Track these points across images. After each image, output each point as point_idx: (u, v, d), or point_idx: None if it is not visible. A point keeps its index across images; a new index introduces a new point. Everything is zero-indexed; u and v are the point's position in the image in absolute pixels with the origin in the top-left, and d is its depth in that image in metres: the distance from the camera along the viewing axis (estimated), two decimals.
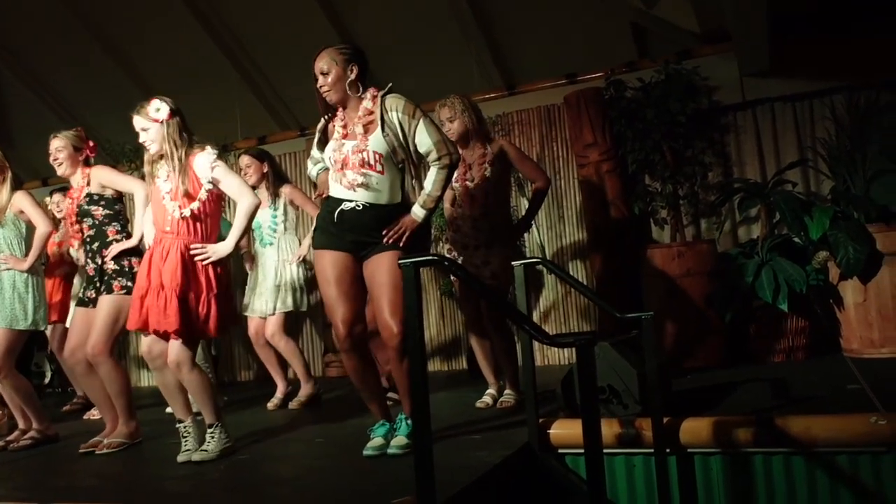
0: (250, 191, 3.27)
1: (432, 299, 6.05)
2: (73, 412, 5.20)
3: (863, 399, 3.11)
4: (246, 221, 3.23)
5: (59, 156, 3.73)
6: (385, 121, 2.92)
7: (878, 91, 4.80)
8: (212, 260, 3.14)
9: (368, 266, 2.95)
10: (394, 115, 2.93)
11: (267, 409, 4.51)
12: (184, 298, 3.09)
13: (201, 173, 3.18)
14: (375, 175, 2.91)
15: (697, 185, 5.36)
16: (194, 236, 3.18)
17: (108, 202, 3.69)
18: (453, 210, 3.88)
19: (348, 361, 2.96)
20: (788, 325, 4.48)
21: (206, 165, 3.18)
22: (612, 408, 3.09)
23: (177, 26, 6.19)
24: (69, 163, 3.74)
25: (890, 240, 4.24)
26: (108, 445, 3.52)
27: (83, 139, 3.79)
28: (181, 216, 3.15)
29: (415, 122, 2.92)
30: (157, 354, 3.18)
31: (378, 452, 2.89)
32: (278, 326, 4.54)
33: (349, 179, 2.92)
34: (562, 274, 3.35)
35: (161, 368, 3.21)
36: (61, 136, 3.75)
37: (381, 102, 2.95)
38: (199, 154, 3.20)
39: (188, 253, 3.13)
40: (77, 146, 3.75)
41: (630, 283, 5.08)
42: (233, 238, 3.19)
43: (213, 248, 3.16)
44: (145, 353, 3.22)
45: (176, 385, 3.22)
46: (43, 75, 6.98)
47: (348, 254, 2.94)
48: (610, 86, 5.42)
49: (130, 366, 7.08)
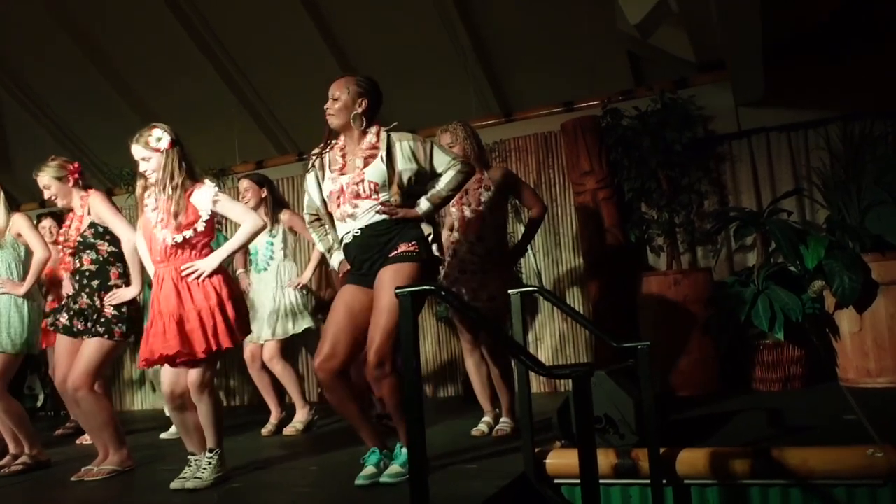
0: (255, 214, 3.29)
1: (428, 326, 6.03)
2: (65, 436, 5.15)
3: (859, 430, 3.10)
4: (244, 240, 3.23)
5: (49, 192, 3.68)
6: (392, 154, 2.97)
7: (871, 121, 4.85)
8: (203, 276, 3.11)
9: (375, 284, 2.97)
10: (406, 145, 3.00)
11: (261, 436, 4.48)
12: (181, 321, 3.07)
13: (201, 207, 3.16)
14: (367, 202, 2.95)
15: (693, 213, 5.37)
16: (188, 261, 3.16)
17: (112, 237, 3.63)
18: (450, 235, 3.90)
19: (327, 394, 3.01)
20: (785, 353, 4.48)
21: (208, 200, 3.17)
22: (608, 437, 3.07)
23: (175, 51, 6.23)
24: (62, 194, 3.68)
25: (885, 269, 4.26)
26: (98, 473, 3.49)
27: (63, 167, 3.69)
28: (174, 243, 3.14)
29: (428, 146, 3.04)
30: (179, 394, 3.16)
31: (369, 482, 2.87)
32: (276, 351, 4.53)
33: (343, 211, 3.00)
34: (558, 303, 3.35)
35: (180, 409, 3.19)
36: (42, 172, 3.67)
37: (386, 137, 3.00)
38: (198, 188, 3.19)
39: (180, 276, 3.12)
40: (59, 176, 3.67)
41: (626, 311, 5.08)
42: (222, 252, 3.17)
43: (199, 263, 3.13)
44: (167, 395, 3.21)
45: (194, 424, 3.20)
46: (40, 97, 7.00)
47: (359, 286, 3.00)
48: (606, 114, 5.46)
49: (124, 389, 7.04)
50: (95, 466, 3.54)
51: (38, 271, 3.88)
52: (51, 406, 6.91)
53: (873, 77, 4.93)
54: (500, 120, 6.05)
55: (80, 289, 3.62)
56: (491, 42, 5.92)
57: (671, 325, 4.71)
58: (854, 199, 4.49)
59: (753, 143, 5.43)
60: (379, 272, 2.95)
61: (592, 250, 5.38)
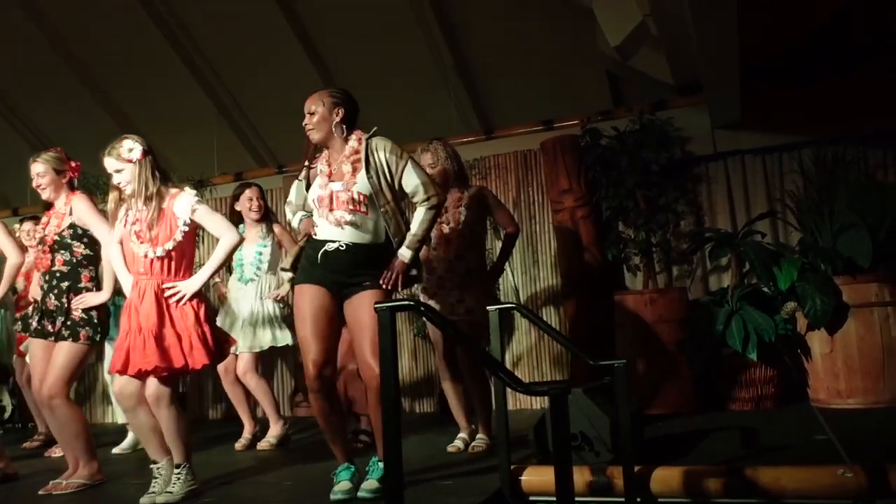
0: (233, 228, 3.26)
1: (405, 341, 6.02)
2: (34, 449, 5.06)
3: (830, 450, 3.14)
4: (223, 257, 3.21)
5: (41, 181, 3.59)
6: (370, 162, 2.98)
7: (844, 146, 4.95)
8: (184, 298, 3.11)
9: (350, 306, 2.96)
10: (381, 155, 2.99)
11: (235, 450, 4.43)
12: (160, 336, 3.05)
13: (180, 214, 3.15)
14: (360, 215, 2.95)
15: (670, 232, 5.44)
16: (168, 274, 3.15)
17: (90, 240, 3.57)
18: (428, 252, 3.91)
19: (315, 402, 2.95)
20: (757, 373, 4.53)
21: (187, 207, 3.15)
22: (584, 455, 3.09)
23: (156, 61, 6.21)
24: (53, 187, 3.60)
25: (856, 292, 4.33)
26: (67, 486, 3.42)
27: (64, 160, 3.64)
28: (155, 256, 3.12)
29: (402, 162, 3.00)
30: (129, 394, 3.12)
31: (346, 496, 2.86)
32: (250, 365, 4.48)
33: (336, 217, 2.96)
34: (536, 320, 3.36)
35: (133, 409, 3.14)
36: (41, 159, 3.60)
37: (366, 144, 3.00)
38: (179, 196, 3.18)
39: (162, 292, 3.10)
40: (58, 169, 3.60)
41: (603, 329, 5.11)
42: (205, 272, 3.15)
43: (182, 285, 3.12)
44: (117, 394, 3.16)
45: (149, 426, 3.16)
46: (15, 103, 6.93)
47: (328, 292, 2.96)
48: (586, 133, 5.52)
49: (97, 402, 6.93)
50: (64, 480, 3.48)
51: (13, 277, 3.81)
52: (18, 418, 6.78)
53: (847, 102, 5.05)
54: (480, 137, 6.09)
55: (49, 289, 3.54)
56: (472, 60, 5.97)
57: (646, 343, 4.75)
58: (827, 222, 4.57)
59: (729, 165, 5.52)
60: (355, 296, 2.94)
61: (570, 268, 5.41)
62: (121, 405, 3.20)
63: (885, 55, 5.00)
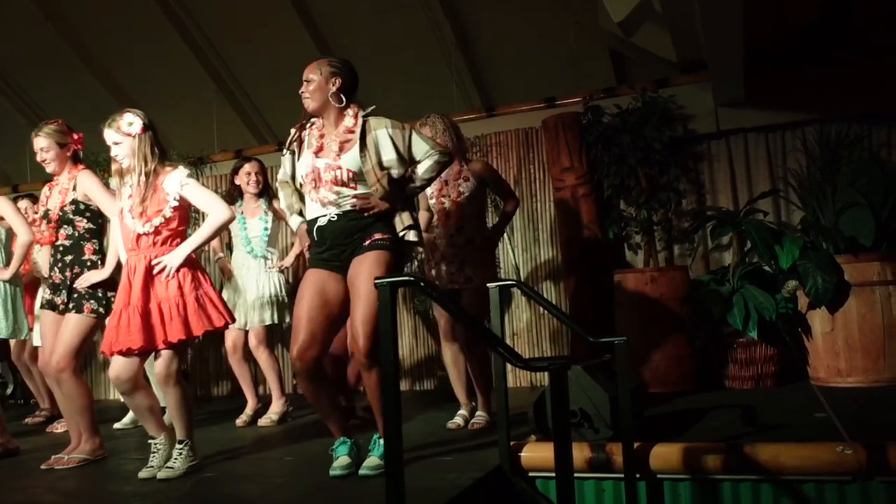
0: (224, 205, 3.22)
1: (405, 319, 6.03)
2: (36, 425, 5.09)
3: (830, 428, 3.15)
4: (210, 233, 3.17)
5: (45, 155, 3.57)
6: (366, 141, 2.93)
7: (848, 125, 4.92)
8: (171, 271, 3.08)
9: (350, 273, 2.93)
10: (381, 133, 2.95)
11: (236, 426, 4.45)
12: (146, 313, 3.05)
13: (169, 190, 3.12)
14: (348, 191, 2.92)
15: (671, 211, 5.42)
16: (158, 251, 3.13)
17: (92, 215, 3.56)
18: (429, 228, 3.91)
19: (301, 384, 2.95)
20: (758, 352, 4.53)
21: (177, 183, 3.13)
22: (583, 432, 3.09)
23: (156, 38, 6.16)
24: (57, 161, 3.58)
25: (857, 271, 4.32)
26: (69, 461, 3.44)
27: (66, 133, 3.60)
28: (144, 232, 3.11)
29: (407, 132, 3.00)
30: (126, 379, 3.11)
31: (345, 472, 2.86)
32: (262, 338, 4.50)
33: (320, 196, 2.94)
34: (536, 297, 3.36)
35: (130, 392, 3.14)
36: (43, 133, 3.57)
37: (362, 122, 2.97)
38: (171, 173, 3.16)
39: (152, 268, 3.09)
40: (61, 142, 3.58)
41: (603, 307, 5.11)
42: (189, 244, 3.13)
43: (167, 258, 3.09)
44: (113, 378, 3.14)
45: (146, 406, 3.17)
46: (14, 79, 6.89)
47: (330, 272, 2.95)
48: (588, 111, 5.48)
49: (100, 378, 6.96)
50: (66, 455, 3.50)
51: (24, 255, 3.79)
52: (20, 394, 6.81)
53: (851, 82, 5.01)
54: (481, 114, 6.05)
55: (54, 263, 3.57)
56: (474, 37, 5.92)
57: (647, 321, 4.75)
58: (829, 200, 4.56)
59: (732, 143, 5.49)
60: (354, 260, 2.92)
61: (571, 246, 5.41)
62: (118, 389, 3.21)
63: (890, 34, 4.95)
